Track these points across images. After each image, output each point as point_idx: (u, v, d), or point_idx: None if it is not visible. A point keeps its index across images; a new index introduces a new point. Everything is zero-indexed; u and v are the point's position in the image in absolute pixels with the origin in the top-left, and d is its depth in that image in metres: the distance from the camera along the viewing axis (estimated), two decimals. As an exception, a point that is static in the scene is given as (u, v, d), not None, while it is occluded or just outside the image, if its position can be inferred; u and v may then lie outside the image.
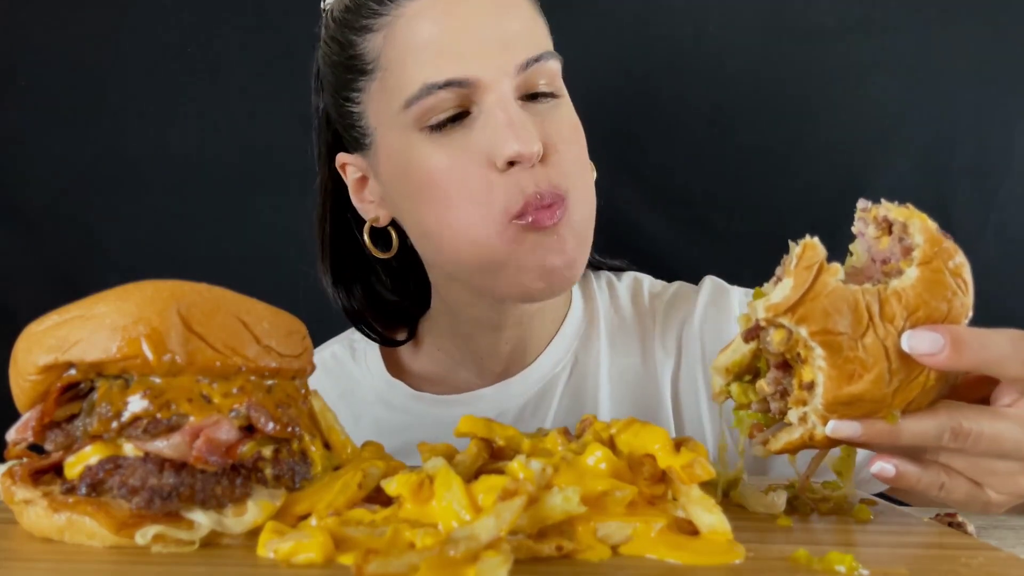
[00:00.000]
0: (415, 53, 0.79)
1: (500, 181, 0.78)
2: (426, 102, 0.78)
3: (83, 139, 1.28)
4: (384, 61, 0.82)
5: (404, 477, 0.49)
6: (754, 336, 0.57)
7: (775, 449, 0.58)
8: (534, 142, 0.77)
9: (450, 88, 0.78)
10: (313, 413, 0.56)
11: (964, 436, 0.54)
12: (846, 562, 0.46)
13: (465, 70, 0.77)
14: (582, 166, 0.84)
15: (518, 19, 0.81)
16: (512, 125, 0.77)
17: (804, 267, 0.52)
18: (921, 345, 0.51)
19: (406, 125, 0.81)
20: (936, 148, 1.23)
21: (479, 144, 0.79)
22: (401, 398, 0.98)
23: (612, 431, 0.56)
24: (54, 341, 0.49)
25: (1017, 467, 0.56)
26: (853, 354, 0.51)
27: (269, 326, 0.52)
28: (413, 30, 0.80)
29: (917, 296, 0.52)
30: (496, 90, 0.78)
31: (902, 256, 0.54)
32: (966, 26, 1.23)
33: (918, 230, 0.54)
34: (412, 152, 0.81)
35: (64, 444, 0.50)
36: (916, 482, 0.56)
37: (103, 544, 0.47)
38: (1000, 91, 1.23)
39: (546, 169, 0.79)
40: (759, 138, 1.24)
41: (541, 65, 0.80)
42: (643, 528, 0.48)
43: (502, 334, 0.93)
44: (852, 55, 1.24)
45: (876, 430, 0.53)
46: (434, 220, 0.82)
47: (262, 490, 0.50)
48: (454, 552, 0.42)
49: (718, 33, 1.25)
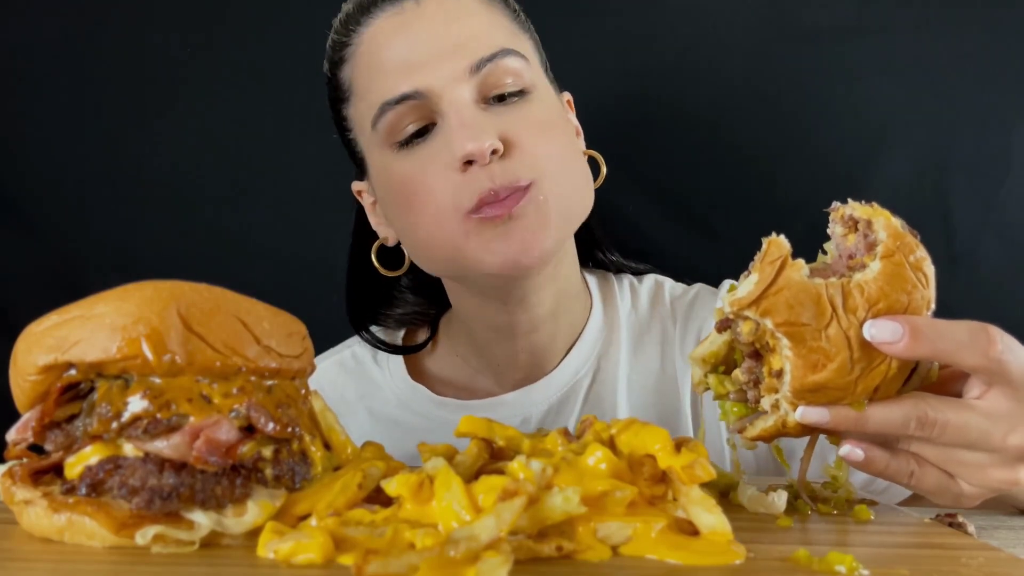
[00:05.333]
0: (375, 74, 0.83)
1: (459, 180, 0.80)
2: (387, 120, 0.82)
3: (83, 139, 1.28)
4: (356, 87, 0.87)
5: (404, 477, 0.49)
6: (726, 327, 0.60)
7: (751, 436, 0.60)
8: (486, 139, 0.78)
9: (406, 102, 0.81)
10: (313, 413, 0.56)
11: (930, 425, 0.55)
12: (846, 562, 0.46)
13: (416, 82, 0.80)
14: (557, 156, 0.84)
15: (470, 23, 0.83)
16: (464, 126, 0.79)
17: (768, 262, 0.55)
18: (881, 334, 0.53)
19: (379, 144, 0.85)
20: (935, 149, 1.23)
21: (439, 150, 0.81)
22: (423, 403, 0.98)
23: (612, 431, 0.56)
24: (54, 341, 0.49)
25: (987, 459, 0.57)
26: (817, 344, 0.54)
27: (269, 326, 0.52)
28: (371, 52, 0.84)
29: (879, 288, 0.54)
30: (448, 96, 0.80)
31: (866, 251, 0.56)
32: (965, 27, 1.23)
33: (881, 226, 0.56)
34: (388, 169, 0.85)
35: (64, 444, 0.50)
36: (885, 468, 0.58)
37: (103, 544, 0.47)
38: (999, 92, 1.23)
39: (507, 163, 0.80)
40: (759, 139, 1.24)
41: (497, 63, 0.81)
42: (643, 528, 0.48)
43: (517, 342, 0.93)
44: (851, 56, 1.24)
45: (843, 416, 0.56)
46: (409, 227, 0.86)
47: (262, 490, 0.50)
48: (454, 552, 0.42)
49: (718, 35, 1.25)
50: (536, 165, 0.81)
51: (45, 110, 1.28)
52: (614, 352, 0.97)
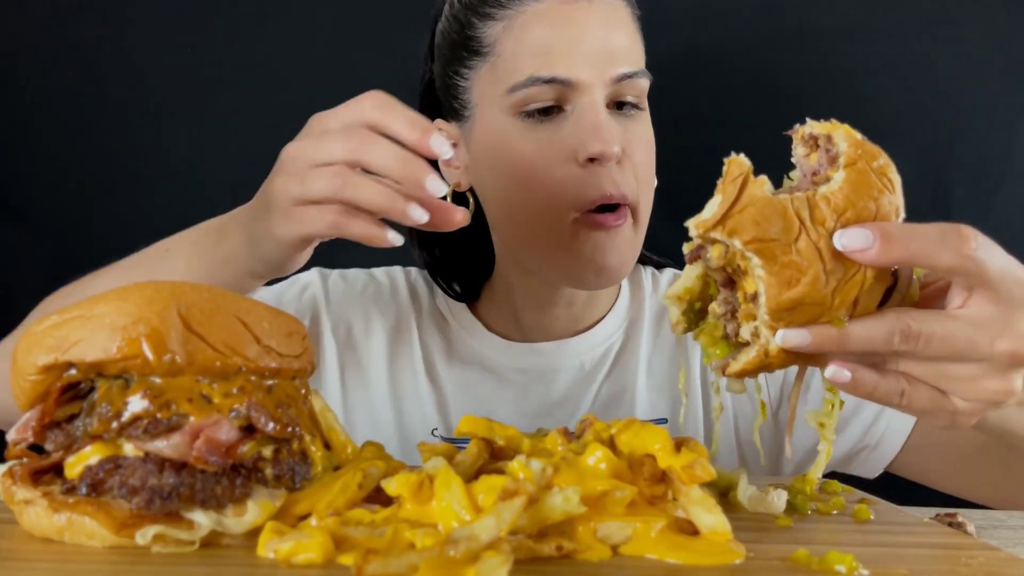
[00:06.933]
0: (529, 48, 0.88)
1: (579, 175, 0.86)
2: (529, 92, 0.87)
3: (83, 139, 1.28)
4: (499, 48, 0.91)
5: (404, 477, 0.49)
6: (696, 257, 0.59)
7: (735, 371, 0.58)
8: (615, 143, 0.85)
9: (552, 84, 0.87)
10: (313, 413, 0.56)
11: (914, 338, 0.54)
12: (846, 562, 0.46)
13: (568, 71, 0.86)
14: (650, 177, 0.94)
15: (623, 37, 0.91)
16: (600, 127, 0.86)
17: (730, 181, 0.55)
18: (852, 241, 0.53)
19: (505, 108, 0.89)
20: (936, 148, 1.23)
21: (567, 139, 0.87)
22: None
23: (612, 431, 0.56)
24: (54, 341, 0.49)
25: (978, 370, 0.55)
26: (788, 259, 0.53)
27: (269, 326, 0.52)
28: (531, 28, 0.89)
29: (845, 198, 0.54)
30: (590, 94, 0.87)
31: (829, 165, 0.56)
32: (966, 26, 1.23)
33: (841, 138, 0.56)
34: (506, 134, 0.90)
35: (64, 444, 0.50)
36: (874, 389, 0.56)
37: (103, 544, 0.47)
38: (1000, 91, 1.23)
39: (621, 173, 0.88)
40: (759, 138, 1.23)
41: (634, 81, 0.90)
42: (643, 528, 0.48)
43: (551, 311, 1.00)
44: (852, 55, 1.24)
45: (824, 335, 0.54)
46: (514, 198, 0.91)
47: (262, 490, 0.50)
48: (454, 552, 0.42)
49: (718, 33, 1.25)
50: (640, 182, 0.90)
51: (45, 110, 1.28)
52: (637, 333, 1.03)
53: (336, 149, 0.65)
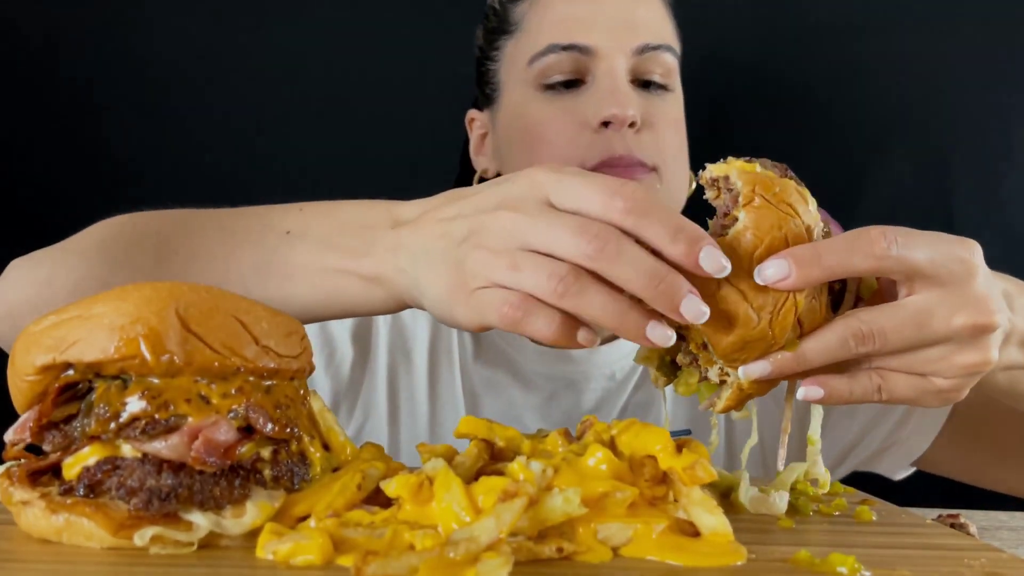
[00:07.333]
0: (551, 19, 0.89)
1: (590, 138, 0.86)
2: (547, 60, 0.87)
3: (82, 139, 1.28)
4: (524, 23, 0.92)
5: (403, 478, 0.49)
6: None
7: (721, 409, 0.60)
8: (630, 108, 0.84)
9: (571, 51, 0.87)
10: (312, 414, 0.56)
11: (868, 337, 0.55)
12: (848, 563, 0.46)
13: (587, 38, 0.86)
14: (677, 152, 0.91)
15: (649, 10, 0.90)
16: (615, 91, 0.85)
17: None
18: (770, 275, 0.53)
19: (527, 81, 0.90)
20: (937, 147, 1.23)
21: (583, 106, 0.87)
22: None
23: (613, 432, 0.56)
24: (52, 341, 0.49)
25: (946, 349, 0.56)
26: (716, 309, 0.53)
27: (268, 326, 0.52)
28: (555, 2, 0.90)
29: (753, 235, 0.54)
30: (609, 61, 0.86)
31: (733, 205, 0.56)
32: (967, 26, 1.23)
33: (736, 177, 0.57)
34: (527, 106, 0.90)
35: (62, 445, 0.50)
36: (850, 394, 0.57)
37: (101, 545, 0.47)
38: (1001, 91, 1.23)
39: (638, 139, 0.86)
40: (759, 138, 1.24)
41: (658, 54, 0.88)
42: (644, 530, 0.48)
43: None
44: (853, 55, 1.24)
45: (782, 362, 0.55)
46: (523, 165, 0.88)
47: (261, 491, 0.50)
48: (454, 554, 0.42)
49: (721, 31, 1.25)
50: (662, 153, 0.88)
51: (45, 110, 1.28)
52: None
53: (568, 245, 0.51)
